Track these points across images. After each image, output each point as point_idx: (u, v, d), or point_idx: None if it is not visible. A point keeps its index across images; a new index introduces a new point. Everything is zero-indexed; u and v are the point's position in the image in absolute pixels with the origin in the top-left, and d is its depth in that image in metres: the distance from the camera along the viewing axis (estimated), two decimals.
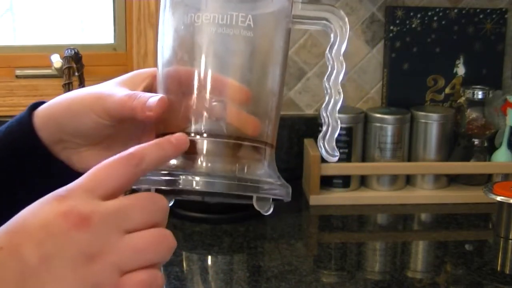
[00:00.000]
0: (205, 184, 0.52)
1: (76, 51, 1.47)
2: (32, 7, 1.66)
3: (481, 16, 1.58)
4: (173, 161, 0.53)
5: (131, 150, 0.48)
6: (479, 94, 1.52)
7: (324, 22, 0.58)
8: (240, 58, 0.56)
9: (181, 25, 0.55)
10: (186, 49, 0.55)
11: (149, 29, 1.56)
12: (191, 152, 0.53)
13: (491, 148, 1.55)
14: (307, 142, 1.52)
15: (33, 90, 1.57)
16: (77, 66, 1.49)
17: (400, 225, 1.46)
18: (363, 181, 1.52)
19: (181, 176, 0.51)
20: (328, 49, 0.58)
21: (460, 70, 1.60)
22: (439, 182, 1.53)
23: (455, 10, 1.58)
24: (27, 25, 1.68)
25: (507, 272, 1.21)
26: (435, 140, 1.51)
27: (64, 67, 1.41)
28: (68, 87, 1.40)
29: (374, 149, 1.50)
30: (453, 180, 1.55)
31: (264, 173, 0.55)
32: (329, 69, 0.58)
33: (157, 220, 0.47)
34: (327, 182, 1.46)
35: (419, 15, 1.57)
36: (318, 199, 1.44)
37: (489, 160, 1.54)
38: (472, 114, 1.53)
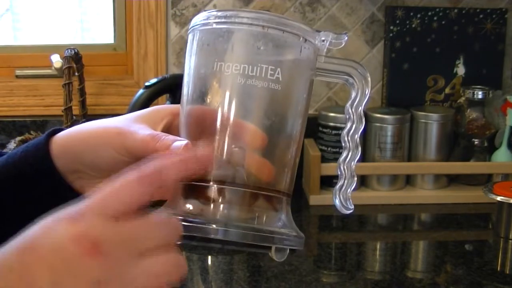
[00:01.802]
0: (223, 233, 0.52)
1: (76, 51, 1.47)
2: (32, 7, 1.66)
3: (481, 16, 1.58)
4: (191, 207, 0.53)
5: (154, 173, 0.46)
6: (479, 94, 1.52)
7: (346, 77, 0.58)
8: (264, 109, 0.56)
9: (209, 71, 0.55)
10: (212, 96, 0.55)
11: (149, 29, 1.56)
12: (210, 198, 0.53)
13: (491, 148, 1.55)
14: (307, 142, 1.52)
15: (33, 90, 1.57)
16: (77, 66, 1.49)
17: (400, 225, 1.46)
18: (363, 181, 1.52)
19: (198, 223, 0.51)
20: (349, 103, 0.59)
21: (460, 70, 1.60)
22: (439, 182, 1.53)
23: (455, 10, 1.58)
24: (27, 25, 1.68)
25: (507, 272, 1.21)
26: (435, 140, 1.51)
27: (64, 67, 1.42)
28: (68, 87, 1.40)
29: (374, 149, 1.50)
30: (453, 180, 1.55)
31: (281, 224, 0.55)
32: (349, 124, 0.59)
33: (170, 242, 0.47)
34: (327, 182, 1.46)
35: (419, 15, 1.57)
36: (318, 199, 1.44)
37: (489, 160, 1.54)
38: (472, 114, 1.53)
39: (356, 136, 0.59)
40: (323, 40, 0.57)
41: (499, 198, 1.28)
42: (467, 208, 1.47)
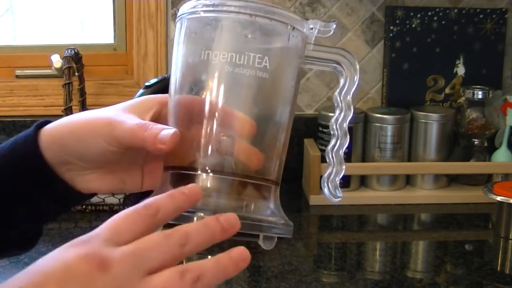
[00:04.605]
0: None
1: (76, 51, 1.47)
2: (32, 7, 1.66)
3: (481, 16, 1.58)
4: None
5: (148, 202, 0.49)
6: (479, 94, 1.52)
7: (335, 65, 0.58)
8: (252, 97, 0.56)
9: (197, 60, 0.55)
10: (200, 84, 0.55)
11: (149, 29, 1.56)
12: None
13: (491, 148, 1.55)
14: (307, 142, 1.52)
15: (33, 90, 1.57)
16: (77, 66, 1.49)
17: (400, 225, 1.46)
18: (363, 181, 1.52)
19: (186, 212, 0.51)
20: (337, 91, 0.58)
21: (460, 70, 1.60)
22: (439, 182, 1.53)
23: (455, 10, 1.58)
24: (27, 25, 1.68)
25: (507, 272, 1.21)
26: (435, 140, 1.51)
27: (64, 67, 1.42)
28: (68, 87, 1.40)
29: (374, 149, 1.50)
30: (453, 180, 1.55)
31: (270, 212, 0.56)
32: (337, 111, 0.59)
33: (173, 256, 0.48)
34: None
35: (419, 15, 1.57)
36: (318, 199, 1.44)
37: (489, 160, 1.54)
38: (472, 114, 1.53)
39: (345, 124, 0.59)
40: (312, 28, 0.58)
41: (499, 198, 1.28)
42: (467, 208, 1.47)
